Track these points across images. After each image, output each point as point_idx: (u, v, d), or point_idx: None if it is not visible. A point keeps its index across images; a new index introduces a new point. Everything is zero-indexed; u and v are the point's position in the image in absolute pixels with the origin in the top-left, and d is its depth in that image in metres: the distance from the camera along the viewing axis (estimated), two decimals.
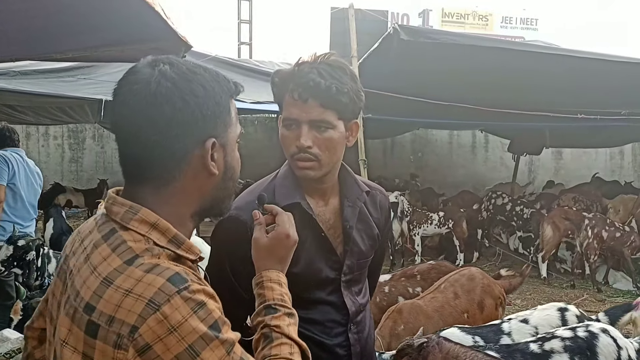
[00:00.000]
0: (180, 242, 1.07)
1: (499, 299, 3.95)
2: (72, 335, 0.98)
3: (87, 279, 1.00)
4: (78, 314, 0.98)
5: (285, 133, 1.56)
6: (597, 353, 2.56)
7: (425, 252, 8.81)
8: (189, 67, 1.09)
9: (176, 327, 0.93)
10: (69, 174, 12.96)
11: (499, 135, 11.91)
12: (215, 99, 1.09)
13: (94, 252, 1.03)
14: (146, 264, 0.98)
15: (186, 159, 1.07)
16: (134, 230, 1.04)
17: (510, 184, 11.01)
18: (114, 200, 1.09)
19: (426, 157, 13.93)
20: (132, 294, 0.94)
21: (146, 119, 1.04)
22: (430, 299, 3.77)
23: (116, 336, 0.93)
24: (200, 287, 0.98)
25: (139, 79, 1.05)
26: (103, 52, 4.64)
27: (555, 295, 6.99)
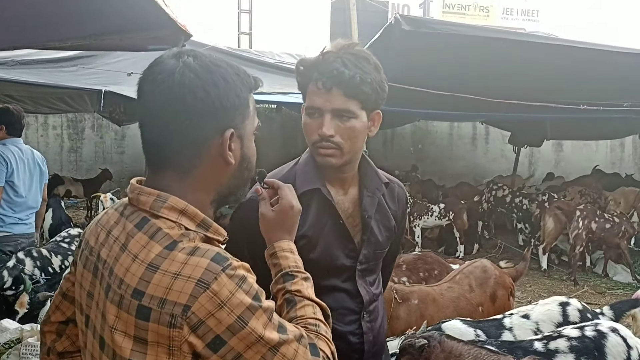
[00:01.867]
0: (208, 225, 1.13)
1: (509, 288, 3.93)
2: (120, 321, 1.03)
3: (129, 266, 1.05)
4: (125, 300, 1.03)
5: (308, 121, 1.58)
6: (605, 353, 2.51)
7: (426, 243, 8.80)
8: (212, 60, 1.14)
9: (225, 301, 1.00)
10: (68, 164, 12.91)
11: (500, 127, 11.86)
12: (235, 91, 1.14)
13: (130, 241, 1.08)
14: (187, 248, 1.04)
15: (206, 147, 1.13)
16: (165, 218, 1.09)
17: (511, 176, 10.98)
18: (141, 190, 1.13)
19: (426, 148, 13.89)
20: (181, 276, 1.01)
21: (169, 107, 1.09)
22: (447, 288, 3.72)
23: (170, 317, 1.00)
24: (239, 263, 1.07)
25: (163, 69, 1.10)
26: (102, 40, 4.60)
27: (556, 287, 6.99)
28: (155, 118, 1.11)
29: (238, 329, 1.01)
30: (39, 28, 4.13)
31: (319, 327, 1.21)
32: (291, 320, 1.21)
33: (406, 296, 3.44)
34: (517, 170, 11.68)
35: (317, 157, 1.59)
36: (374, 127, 1.64)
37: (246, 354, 1.02)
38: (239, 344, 1.02)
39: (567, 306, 3.06)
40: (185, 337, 1.00)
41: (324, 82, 1.53)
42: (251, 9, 13.38)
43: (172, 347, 1.01)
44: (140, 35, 4.40)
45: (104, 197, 6.55)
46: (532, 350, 2.53)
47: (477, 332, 2.95)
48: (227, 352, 1.02)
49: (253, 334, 1.02)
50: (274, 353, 1.04)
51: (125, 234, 1.10)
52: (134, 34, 4.37)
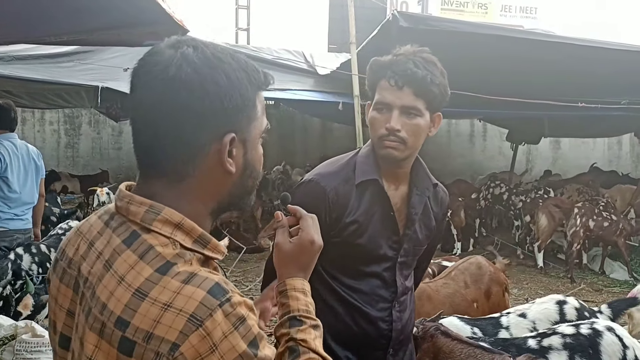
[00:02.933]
0: (207, 241, 0.99)
1: (504, 284, 3.95)
2: (100, 352, 0.90)
3: (114, 290, 0.91)
4: (108, 329, 0.89)
5: (376, 116, 1.69)
6: (600, 352, 2.49)
7: None
8: (214, 53, 0.97)
9: (217, 344, 0.87)
10: (65, 159, 12.89)
11: (498, 124, 11.86)
12: (240, 90, 0.98)
13: (116, 259, 0.94)
14: (182, 273, 0.90)
15: (202, 153, 0.98)
16: (158, 232, 0.94)
17: (508, 172, 10.99)
18: (131, 198, 0.98)
19: (424, 146, 13.23)
20: (172, 308, 0.87)
21: (162, 105, 0.94)
22: (443, 284, 3.73)
23: (154, 354, 0.86)
24: (240, 299, 0.92)
25: (158, 60, 0.95)
26: (98, 35, 4.58)
27: (552, 284, 6.99)
28: (147, 116, 0.97)
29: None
30: (34, 23, 4.10)
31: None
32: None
33: None
34: (514, 168, 11.70)
35: (381, 150, 1.68)
36: (434, 128, 1.75)
37: None
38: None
39: (564, 305, 3.05)
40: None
41: (397, 80, 1.64)
42: (249, 5, 13.36)
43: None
44: (137, 31, 4.38)
45: (100, 192, 6.53)
46: (526, 348, 2.52)
47: (474, 329, 2.95)
48: None
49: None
50: None
51: (110, 250, 0.95)
52: (130, 29, 4.34)
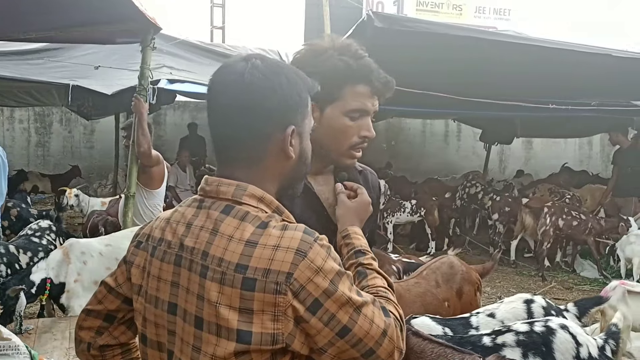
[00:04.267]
0: (282, 211, 1.25)
1: (476, 284, 3.95)
2: (223, 296, 1.12)
3: (227, 246, 1.15)
4: (228, 275, 1.12)
5: (349, 123, 1.58)
6: (553, 349, 2.51)
7: (398, 239, 8.84)
8: (277, 63, 1.28)
9: (320, 267, 1.13)
10: (36, 158, 12.64)
11: (472, 124, 11.99)
12: (298, 92, 1.26)
13: (219, 225, 1.18)
14: (278, 225, 1.17)
15: (270, 140, 1.23)
16: (247, 204, 1.20)
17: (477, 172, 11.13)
18: (220, 182, 1.24)
19: (399, 145, 13.98)
20: (281, 247, 1.12)
21: (240, 104, 1.21)
22: (414, 283, 3.73)
23: (275, 284, 1.10)
24: (322, 235, 1.20)
25: (233, 71, 1.23)
26: (69, 33, 4.51)
27: (524, 283, 7.10)
28: (228, 114, 1.22)
29: (332, 291, 1.13)
30: (2, 19, 4.01)
31: (388, 294, 1.32)
32: (363, 288, 1.31)
33: None
34: (488, 167, 11.84)
35: (347, 160, 1.61)
36: None
37: (338, 314, 1.13)
38: (333, 305, 1.13)
39: (532, 303, 3.07)
40: (290, 302, 1.10)
41: (379, 88, 1.58)
42: (224, 3, 13.27)
43: (277, 312, 1.10)
44: (108, 28, 4.33)
45: (68, 193, 6.41)
46: (481, 345, 2.53)
47: (445, 329, 2.95)
48: (324, 314, 1.12)
49: (343, 296, 1.14)
50: (358, 313, 1.15)
51: (212, 221, 1.19)
52: (101, 27, 4.29)
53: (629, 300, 4.42)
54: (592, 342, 2.57)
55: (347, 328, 1.14)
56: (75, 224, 9.03)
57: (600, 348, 2.56)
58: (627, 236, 6.60)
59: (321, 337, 1.14)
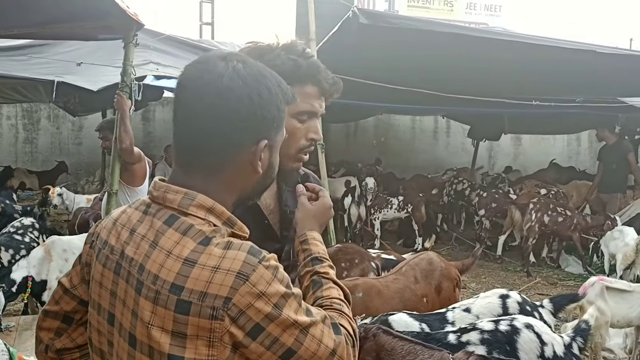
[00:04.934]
0: (234, 223, 1.17)
1: (455, 280, 3.99)
2: (156, 317, 1.05)
3: (163, 262, 1.07)
4: (162, 295, 1.05)
5: (297, 125, 1.50)
6: (517, 349, 2.53)
7: (386, 236, 8.87)
8: (259, 69, 1.18)
9: (263, 292, 1.05)
10: (23, 155, 12.57)
11: (460, 121, 12.04)
12: (276, 104, 1.18)
13: (160, 237, 1.10)
14: (221, 243, 1.08)
15: (238, 153, 1.15)
16: (194, 215, 1.12)
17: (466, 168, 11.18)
18: (167, 188, 1.15)
19: (389, 141, 14.01)
20: (221, 269, 1.04)
21: (213, 108, 1.12)
22: (393, 279, 3.76)
23: (211, 309, 1.03)
24: (270, 255, 1.11)
25: (211, 70, 1.13)
26: (50, 29, 4.49)
27: (509, 278, 7.14)
28: (196, 116, 1.13)
29: (275, 316, 1.06)
30: None
31: (343, 307, 1.27)
32: (317, 299, 1.28)
33: (350, 290, 3.45)
34: (477, 164, 11.89)
35: (294, 164, 1.54)
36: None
37: (282, 337, 1.08)
38: (276, 329, 1.07)
39: (507, 299, 3.11)
40: (227, 328, 1.04)
41: (327, 89, 1.51)
42: None
43: (213, 338, 1.05)
44: (89, 25, 4.31)
45: (51, 192, 6.38)
46: (446, 342, 2.55)
47: (422, 325, 2.98)
48: (265, 338, 1.06)
49: (288, 319, 1.08)
50: (305, 334, 1.10)
51: (154, 232, 1.12)
52: (81, 23, 4.27)
53: (607, 297, 4.47)
54: (558, 341, 2.58)
55: (291, 350, 1.09)
56: (62, 220, 9.00)
57: (567, 346, 2.58)
58: (611, 232, 6.65)
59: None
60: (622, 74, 6.92)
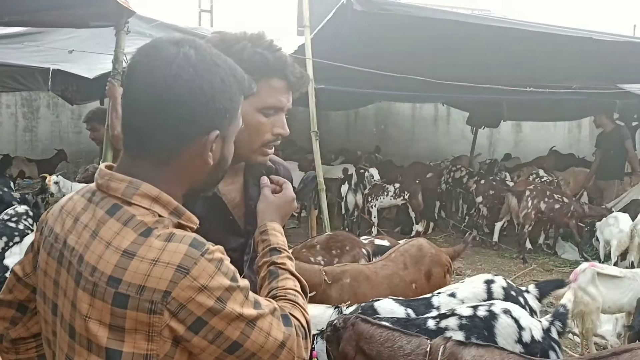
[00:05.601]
0: (181, 213, 1.13)
1: (446, 266, 4.02)
2: (94, 310, 1.02)
3: (102, 253, 1.03)
4: (100, 288, 1.02)
5: (263, 120, 1.49)
6: (495, 334, 2.55)
7: (384, 223, 8.89)
8: (212, 57, 1.12)
9: (205, 285, 1.03)
10: (23, 143, 12.60)
11: (459, 107, 12.00)
12: (230, 94, 1.13)
13: (101, 227, 1.06)
14: (163, 234, 1.04)
15: (188, 144, 1.11)
16: (138, 205, 1.08)
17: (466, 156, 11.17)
18: (111, 176, 1.11)
19: (388, 129, 13.98)
20: (160, 262, 1.01)
21: (160, 97, 1.07)
22: (382, 266, 3.79)
23: (149, 303, 1.00)
24: (215, 247, 1.08)
25: (161, 55, 1.08)
26: (41, 17, 4.50)
27: (505, 265, 7.15)
28: (144, 104, 1.08)
29: (218, 309, 1.04)
30: None
31: (297, 298, 1.25)
32: (272, 289, 1.27)
33: (337, 276, 3.49)
34: (476, 151, 11.87)
35: (259, 157, 1.53)
36: None
37: (226, 331, 1.05)
38: (220, 323, 1.04)
39: (492, 284, 3.12)
40: (166, 322, 1.02)
41: (295, 82, 1.50)
42: None
43: (152, 332, 1.02)
44: (79, 12, 4.31)
45: (48, 180, 6.41)
46: (425, 328, 2.58)
47: (407, 310, 3.01)
48: (209, 332, 1.04)
49: (233, 313, 1.05)
50: (252, 327, 1.08)
51: (95, 221, 1.08)
52: (71, 10, 4.27)
53: (598, 283, 4.48)
54: (536, 325, 2.60)
55: (237, 344, 1.07)
56: None
57: (546, 330, 2.60)
58: (607, 219, 6.64)
59: (207, 354, 1.07)
60: (621, 61, 6.88)
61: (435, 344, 2.21)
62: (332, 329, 2.37)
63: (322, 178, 6.05)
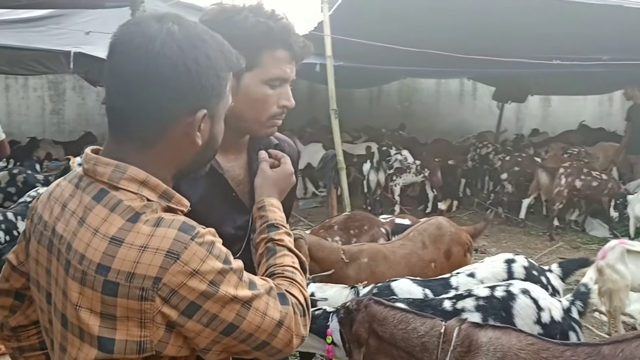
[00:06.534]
0: (171, 196, 1.10)
1: (466, 244, 3.96)
2: (84, 298, 1.01)
3: (90, 241, 1.01)
4: (89, 276, 1.00)
5: (269, 92, 1.47)
6: (513, 315, 2.48)
7: (407, 201, 8.81)
8: (198, 32, 1.08)
9: (196, 270, 1.00)
10: (51, 126, 12.80)
11: (485, 82, 11.75)
12: (216, 71, 1.09)
13: (88, 214, 1.04)
14: (151, 219, 1.02)
15: (174, 124, 1.07)
16: (125, 189, 1.05)
17: (495, 132, 10.95)
18: (97, 160, 1.08)
19: (413, 105, 13.78)
20: (149, 248, 0.99)
21: (143, 76, 1.03)
22: (400, 245, 3.75)
23: (140, 290, 0.98)
24: (205, 230, 1.06)
25: (143, 32, 1.04)
26: None
27: (531, 243, 7.03)
28: (126, 84, 1.04)
29: (212, 293, 1.02)
30: None
31: (295, 275, 1.24)
32: (270, 267, 1.25)
33: (355, 255, 3.45)
34: (504, 126, 11.64)
35: (266, 130, 1.51)
36: None
37: (221, 313, 1.04)
38: (214, 306, 1.03)
39: (513, 263, 3.05)
40: (158, 308, 1.00)
41: (297, 52, 1.48)
42: None
43: (144, 319, 1.00)
44: None
45: (72, 162, 6.49)
46: (441, 309, 2.52)
47: (425, 291, 2.96)
48: (203, 316, 1.03)
49: (227, 295, 1.04)
50: (247, 308, 1.07)
51: (82, 207, 1.05)
52: None
53: (628, 260, 4.35)
54: (556, 306, 2.53)
55: (233, 325, 1.06)
56: None
57: (566, 310, 2.52)
58: (637, 194, 6.46)
59: (202, 338, 1.05)
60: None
61: (450, 326, 2.16)
62: (344, 311, 2.33)
63: (342, 157, 5.98)
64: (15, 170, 6.33)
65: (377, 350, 2.25)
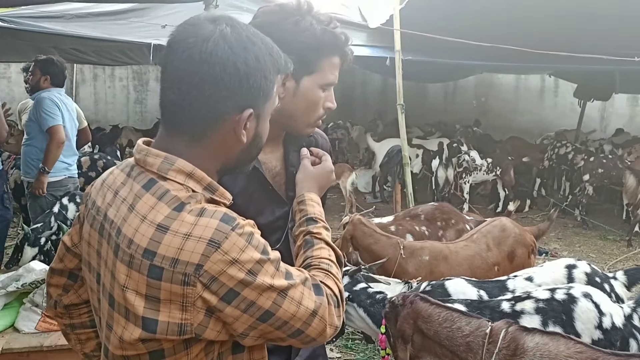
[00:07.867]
0: (215, 189, 1.16)
1: (530, 246, 3.86)
2: (131, 280, 1.07)
3: (138, 227, 1.08)
4: (136, 260, 1.07)
5: (322, 95, 1.54)
6: (573, 318, 2.39)
7: (477, 200, 8.61)
8: (249, 35, 1.14)
9: (236, 258, 1.06)
10: (134, 114, 13.44)
11: (566, 79, 11.21)
12: (264, 72, 1.14)
13: (137, 201, 1.11)
14: (195, 209, 1.08)
15: (222, 120, 1.13)
16: (173, 180, 1.12)
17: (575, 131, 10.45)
18: (148, 151, 1.15)
19: (490, 101, 13.38)
20: (192, 236, 1.05)
21: (196, 74, 1.09)
22: (463, 246, 3.71)
23: (183, 275, 1.04)
24: (245, 221, 1.12)
25: (198, 32, 1.10)
26: None
27: (607, 248, 6.70)
28: (180, 80, 1.11)
29: (249, 281, 1.07)
30: None
31: (331, 267, 1.29)
32: (307, 258, 1.31)
33: (416, 252, 3.44)
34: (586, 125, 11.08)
35: (308, 129, 1.59)
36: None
37: (259, 301, 1.09)
38: (252, 293, 1.08)
39: (574, 269, 2.93)
40: (199, 293, 1.05)
41: (349, 60, 1.55)
42: None
43: (186, 303, 1.06)
44: None
45: None
46: (499, 311, 2.46)
47: (480, 292, 2.91)
48: (241, 302, 1.08)
49: (264, 284, 1.08)
50: (283, 297, 1.11)
51: (132, 195, 1.13)
52: None
53: None
54: (618, 312, 2.42)
55: (269, 312, 1.11)
56: None
57: (627, 317, 2.41)
58: None
59: (240, 323, 1.10)
60: None
61: (497, 327, 2.11)
62: (390, 305, 2.33)
63: (407, 152, 5.92)
64: (96, 156, 6.69)
65: (421, 347, 2.24)
